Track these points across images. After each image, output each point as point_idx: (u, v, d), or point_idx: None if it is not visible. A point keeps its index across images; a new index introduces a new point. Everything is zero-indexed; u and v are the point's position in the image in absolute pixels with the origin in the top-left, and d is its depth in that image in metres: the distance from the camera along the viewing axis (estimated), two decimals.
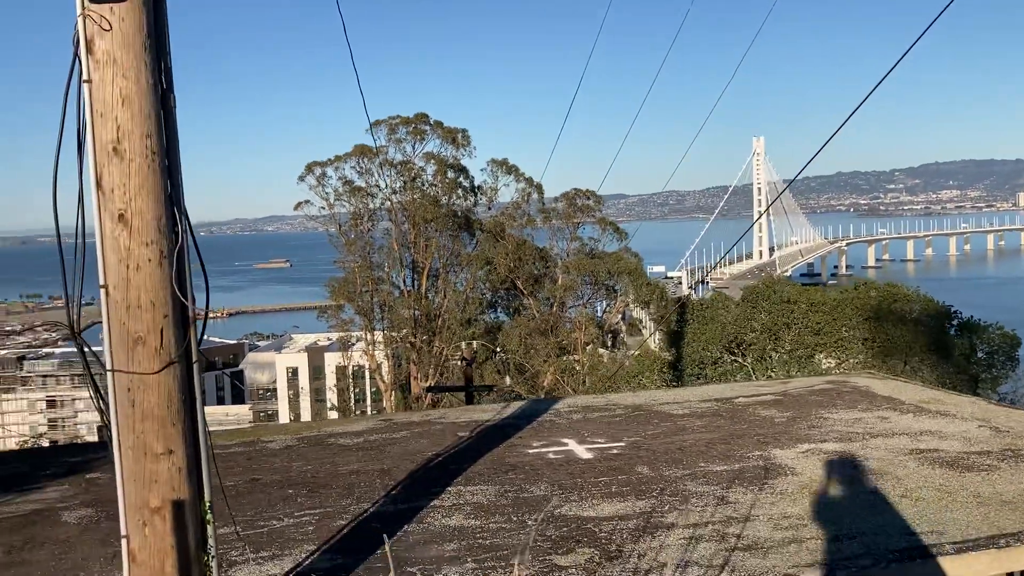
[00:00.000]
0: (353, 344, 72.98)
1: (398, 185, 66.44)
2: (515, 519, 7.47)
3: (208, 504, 5.18)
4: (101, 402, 5.32)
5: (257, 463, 9.61)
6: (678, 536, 6.93)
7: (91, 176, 5.01)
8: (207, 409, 5.75)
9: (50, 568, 6.80)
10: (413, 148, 66.95)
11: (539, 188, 69.28)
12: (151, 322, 4.99)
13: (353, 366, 78.42)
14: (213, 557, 5.19)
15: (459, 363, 37.66)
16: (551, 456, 9.33)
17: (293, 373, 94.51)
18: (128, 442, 4.98)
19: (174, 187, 5.19)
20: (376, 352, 68.04)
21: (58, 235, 5.14)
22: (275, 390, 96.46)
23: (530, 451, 9.57)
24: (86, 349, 5.34)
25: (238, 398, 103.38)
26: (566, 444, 9.80)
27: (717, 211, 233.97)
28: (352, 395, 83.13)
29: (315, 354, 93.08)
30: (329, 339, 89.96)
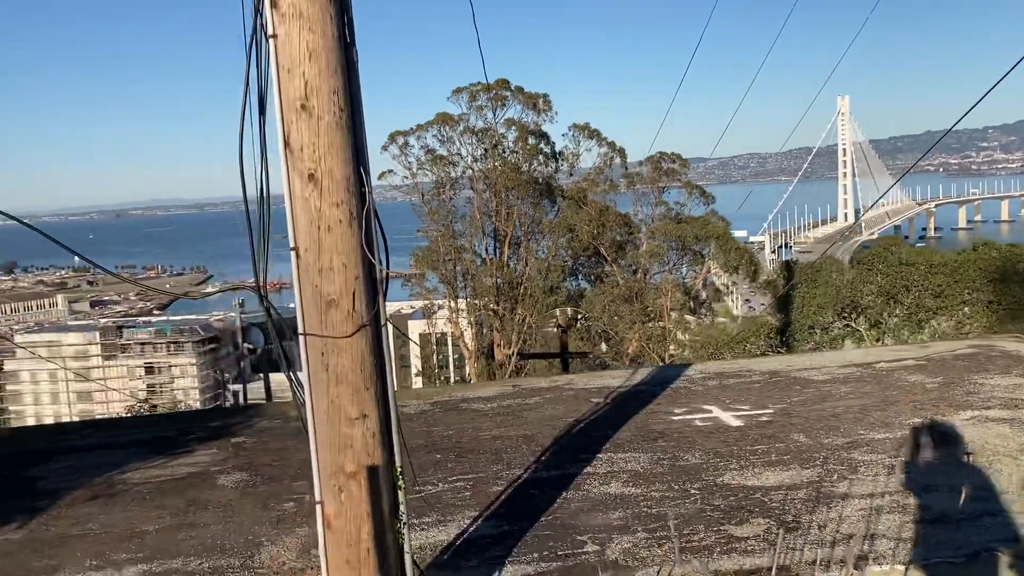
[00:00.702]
0: (436, 312, 73.53)
1: (479, 153, 66.29)
2: (676, 487, 7.24)
3: (399, 469, 5.06)
4: (289, 366, 5.25)
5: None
6: (856, 507, 6.60)
7: (279, 135, 4.89)
8: None
9: (219, 531, 6.84)
10: (494, 115, 66.52)
11: (622, 153, 68.33)
12: (343, 284, 4.87)
13: (436, 333, 79.12)
14: (405, 524, 5.08)
15: (555, 330, 37.73)
16: (698, 423, 9.04)
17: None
18: (322, 406, 4.89)
19: (359, 144, 5.03)
20: (460, 320, 68.40)
21: (245, 199, 5.05)
22: None
23: (674, 418, 9.30)
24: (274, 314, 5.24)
25: None
26: (710, 411, 9.50)
27: (800, 173, 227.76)
28: (436, 362, 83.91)
29: (399, 322, 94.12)
30: (412, 307, 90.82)
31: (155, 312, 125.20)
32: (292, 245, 4.90)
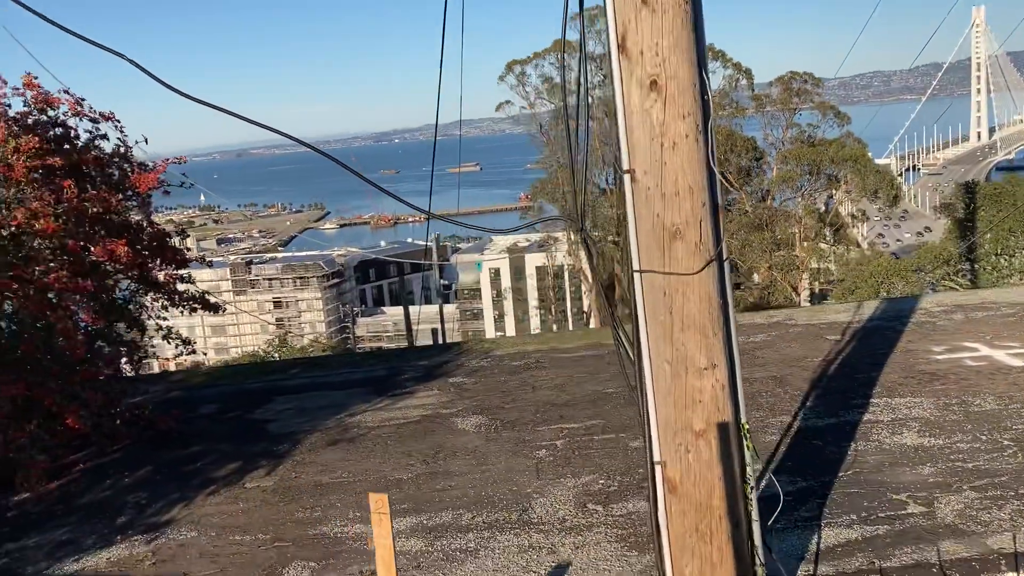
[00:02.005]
0: (553, 244, 72.90)
1: (598, 80, 64.47)
2: (983, 438, 6.34)
3: (746, 427, 4.37)
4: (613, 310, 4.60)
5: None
6: None
7: (611, 36, 4.15)
8: None
9: (477, 480, 6.38)
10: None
11: (748, 74, 65.28)
12: (690, 212, 4.13)
13: (554, 266, 78.64)
14: (753, 489, 4.40)
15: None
16: (970, 363, 8.06)
17: (496, 274, 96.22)
18: (665, 355, 4.21)
19: (700, 46, 4.24)
20: (579, 252, 67.57)
21: (585, 114, 4.35)
22: (479, 291, 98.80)
23: (938, 357, 8.34)
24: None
25: (444, 298, 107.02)
26: (976, 349, 8.48)
27: (929, 91, 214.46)
28: (553, 295, 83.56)
29: (516, 255, 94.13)
30: (528, 240, 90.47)
31: (279, 248, 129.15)
32: (627, 167, 4.18)
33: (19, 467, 6.52)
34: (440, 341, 36.76)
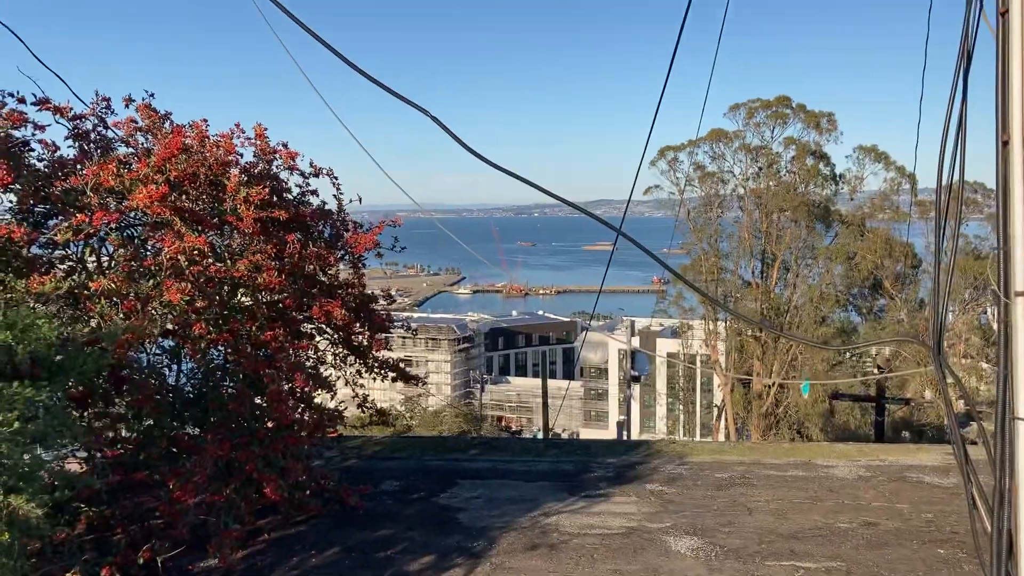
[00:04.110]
0: (689, 332, 71.18)
1: (752, 171, 63.33)
2: None
3: None
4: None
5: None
6: None
7: (1015, 129, 3.39)
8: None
9: None
10: (771, 133, 63.34)
11: (912, 178, 62.69)
12: None
13: (687, 355, 76.64)
14: None
15: (874, 371, 34.51)
16: None
17: (624, 355, 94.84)
18: None
19: None
20: (717, 343, 65.64)
21: (938, 226, 3.58)
22: (606, 370, 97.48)
23: None
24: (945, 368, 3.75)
25: (568, 374, 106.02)
26: None
27: None
28: (682, 383, 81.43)
29: (647, 338, 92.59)
30: (661, 324, 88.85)
31: (415, 308, 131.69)
32: (1021, 288, 3.36)
33: (213, 532, 6.09)
34: (627, 434, 35.88)
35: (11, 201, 6.30)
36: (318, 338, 7.85)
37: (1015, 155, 3.37)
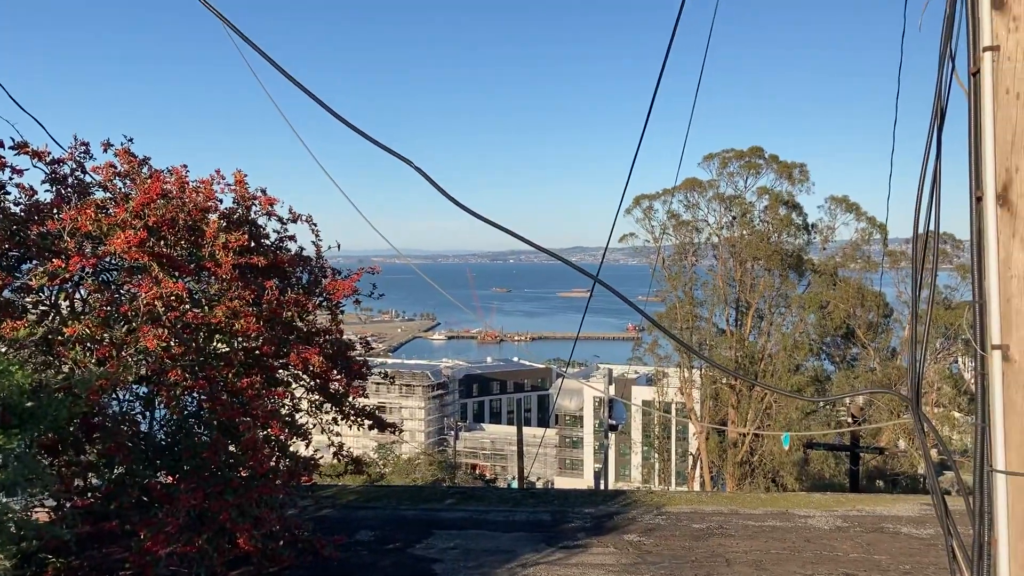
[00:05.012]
0: (664, 380, 71.22)
1: (726, 220, 64.08)
2: None
3: None
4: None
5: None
6: None
7: (989, 185, 3.47)
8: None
9: None
10: (745, 183, 64.26)
11: (882, 228, 63.75)
12: None
13: (663, 402, 76.57)
14: None
15: (848, 420, 34.57)
16: None
17: (600, 403, 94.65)
18: None
19: None
20: (692, 391, 65.76)
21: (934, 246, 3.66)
22: (581, 418, 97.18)
23: None
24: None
25: (543, 421, 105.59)
26: None
27: None
28: (655, 432, 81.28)
29: (622, 386, 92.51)
30: (636, 372, 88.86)
31: (389, 353, 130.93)
32: (997, 342, 3.41)
33: None
34: (603, 483, 35.64)
35: None
36: (294, 385, 7.78)
37: (988, 211, 3.44)
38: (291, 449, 7.33)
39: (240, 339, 6.66)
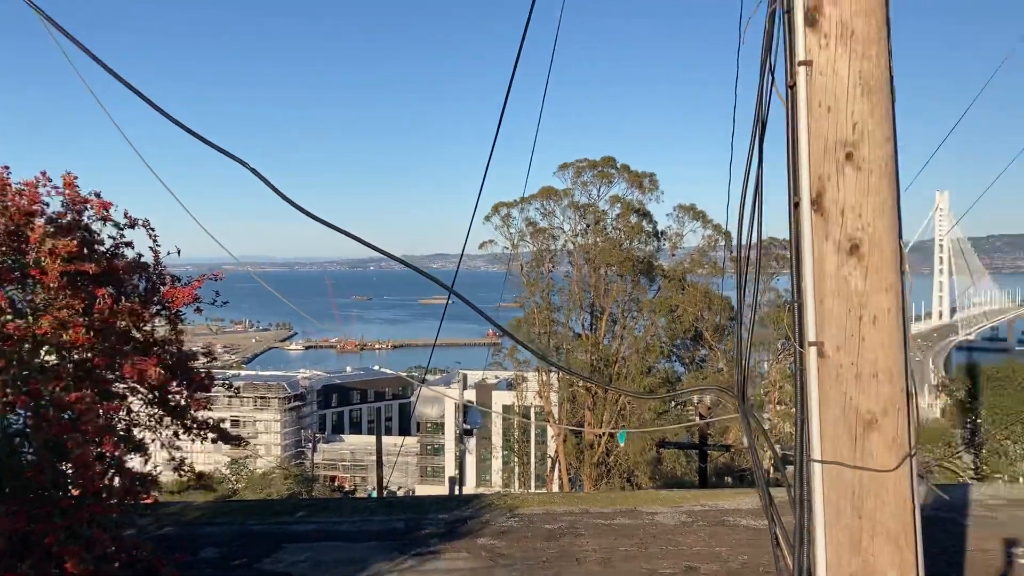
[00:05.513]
0: (524, 384, 72.13)
1: (581, 228, 65.60)
2: None
3: None
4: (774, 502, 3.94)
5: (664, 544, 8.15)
6: None
7: (804, 191, 3.69)
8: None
9: None
10: (598, 191, 65.94)
11: (728, 235, 66.70)
12: (888, 399, 3.57)
13: (522, 406, 77.46)
14: None
15: (696, 417, 35.80)
16: None
17: (460, 409, 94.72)
18: (849, 567, 3.55)
19: (899, 210, 3.79)
20: (551, 395, 66.89)
21: (740, 277, 3.86)
22: (443, 424, 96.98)
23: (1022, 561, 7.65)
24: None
25: (404, 430, 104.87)
26: None
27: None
28: (516, 435, 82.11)
29: (483, 391, 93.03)
30: (497, 377, 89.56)
31: (243, 365, 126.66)
32: (813, 339, 3.63)
33: None
34: (459, 488, 35.40)
35: None
36: (131, 398, 7.40)
37: (804, 216, 3.66)
38: (128, 465, 6.96)
39: (70, 351, 6.27)
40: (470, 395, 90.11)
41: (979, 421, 23.84)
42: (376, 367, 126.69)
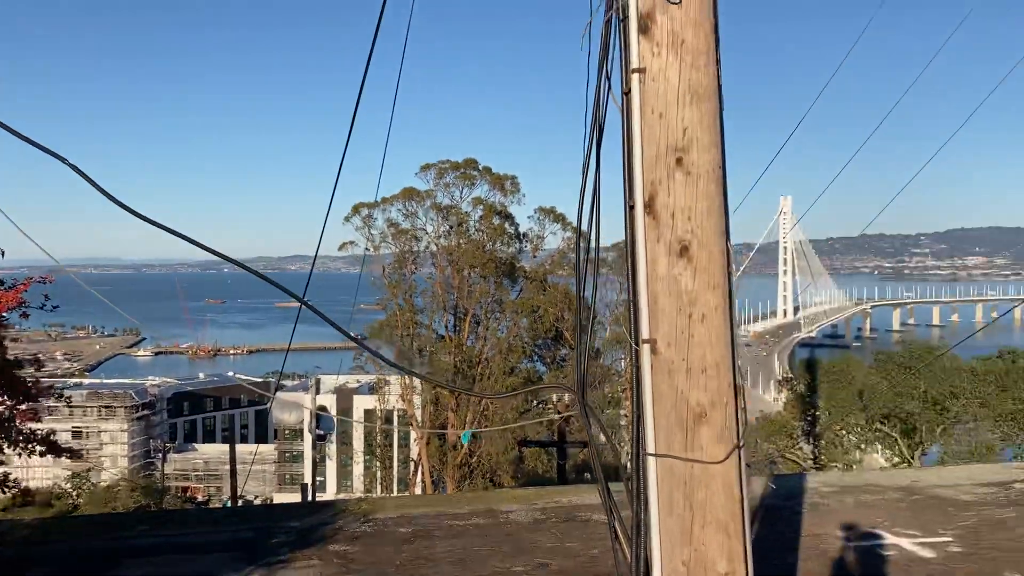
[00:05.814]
0: (386, 387, 71.59)
1: (444, 229, 65.65)
2: None
3: None
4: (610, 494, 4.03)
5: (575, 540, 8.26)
6: None
7: (638, 195, 3.80)
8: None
9: None
10: (461, 193, 66.16)
11: (584, 237, 68.34)
12: (716, 392, 3.72)
13: (384, 410, 76.82)
14: None
15: (555, 416, 36.37)
16: (883, 553, 7.93)
17: (318, 415, 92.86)
18: (680, 556, 3.68)
19: (727, 214, 3.96)
20: (413, 397, 66.66)
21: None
22: (302, 431, 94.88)
23: (848, 544, 8.17)
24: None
25: (262, 437, 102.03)
26: (881, 536, 8.40)
27: (742, 269, 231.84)
28: (378, 439, 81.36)
29: (344, 396, 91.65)
30: (358, 381, 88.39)
31: (85, 373, 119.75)
32: (647, 336, 3.75)
33: None
34: (312, 495, 34.36)
35: None
36: None
37: (638, 219, 3.78)
38: None
39: None
40: (327, 400, 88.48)
41: (818, 413, 25.46)
42: (231, 373, 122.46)
